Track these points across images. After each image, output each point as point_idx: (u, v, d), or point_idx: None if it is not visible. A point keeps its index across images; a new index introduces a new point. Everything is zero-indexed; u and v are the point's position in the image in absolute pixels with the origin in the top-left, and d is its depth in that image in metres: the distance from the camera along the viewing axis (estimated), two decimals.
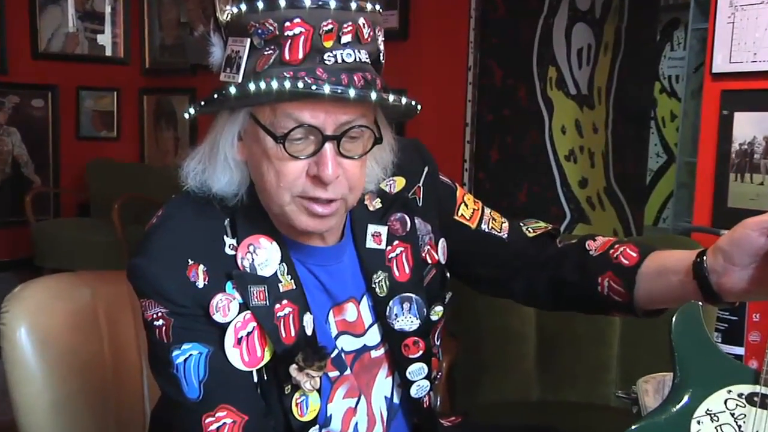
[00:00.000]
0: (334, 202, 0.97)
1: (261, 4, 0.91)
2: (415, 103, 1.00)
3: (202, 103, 0.98)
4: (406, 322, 1.10)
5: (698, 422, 1.05)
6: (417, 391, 1.13)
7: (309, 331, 1.02)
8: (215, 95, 0.95)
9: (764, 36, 2.05)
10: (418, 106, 1.01)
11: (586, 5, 3.95)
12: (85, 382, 1.35)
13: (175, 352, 0.97)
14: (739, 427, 1.04)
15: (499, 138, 3.81)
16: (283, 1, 0.90)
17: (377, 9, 0.96)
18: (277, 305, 1.00)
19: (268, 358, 1.00)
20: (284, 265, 1.02)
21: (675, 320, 1.10)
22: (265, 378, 1.01)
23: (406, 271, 1.11)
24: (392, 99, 0.95)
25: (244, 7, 0.93)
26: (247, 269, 1.00)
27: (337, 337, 1.08)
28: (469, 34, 3.70)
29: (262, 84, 0.90)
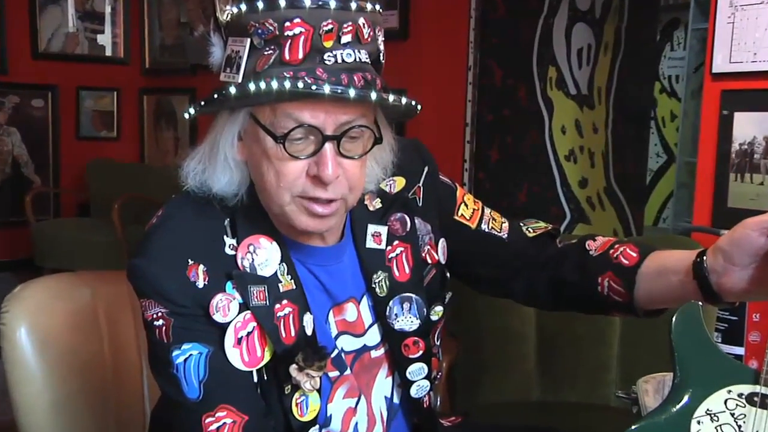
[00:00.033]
0: (334, 202, 0.97)
1: (261, 4, 0.91)
2: (415, 103, 1.00)
3: (202, 103, 0.98)
4: (406, 322, 1.10)
5: (698, 422, 1.05)
6: (417, 391, 1.13)
7: (309, 331, 1.02)
8: (215, 95, 0.95)
9: (764, 36, 2.05)
10: (418, 106, 1.01)
11: (586, 5, 3.95)
12: (85, 382, 1.34)
13: (175, 352, 0.97)
14: (739, 427, 1.04)
15: (499, 138, 3.81)
16: (283, 1, 0.90)
17: (377, 9, 0.96)
18: (277, 305, 1.00)
19: (268, 358, 1.00)
20: (284, 265, 1.02)
21: (675, 320, 1.10)
22: (265, 378, 1.01)
23: (406, 271, 1.11)
24: (392, 99, 0.95)
25: (244, 7, 0.93)
26: (247, 269, 1.00)
27: (337, 337, 1.08)
28: (469, 34, 3.70)
29: (262, 84, 0.90)
